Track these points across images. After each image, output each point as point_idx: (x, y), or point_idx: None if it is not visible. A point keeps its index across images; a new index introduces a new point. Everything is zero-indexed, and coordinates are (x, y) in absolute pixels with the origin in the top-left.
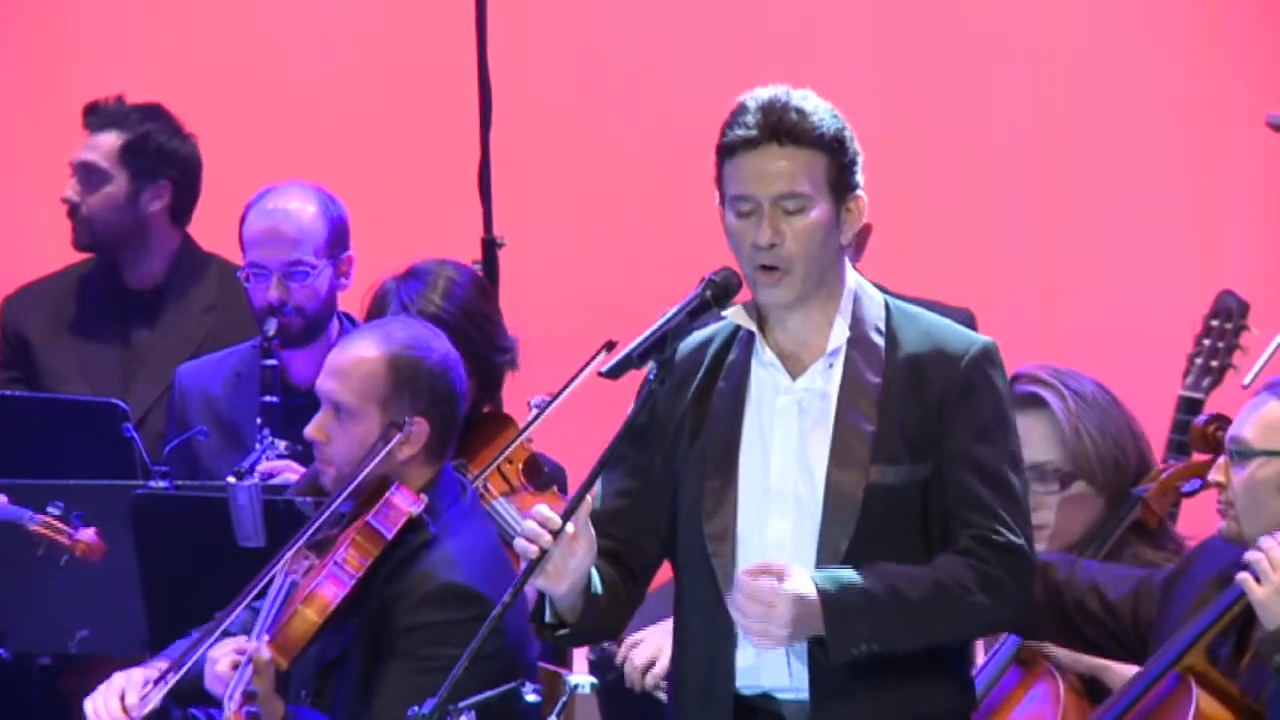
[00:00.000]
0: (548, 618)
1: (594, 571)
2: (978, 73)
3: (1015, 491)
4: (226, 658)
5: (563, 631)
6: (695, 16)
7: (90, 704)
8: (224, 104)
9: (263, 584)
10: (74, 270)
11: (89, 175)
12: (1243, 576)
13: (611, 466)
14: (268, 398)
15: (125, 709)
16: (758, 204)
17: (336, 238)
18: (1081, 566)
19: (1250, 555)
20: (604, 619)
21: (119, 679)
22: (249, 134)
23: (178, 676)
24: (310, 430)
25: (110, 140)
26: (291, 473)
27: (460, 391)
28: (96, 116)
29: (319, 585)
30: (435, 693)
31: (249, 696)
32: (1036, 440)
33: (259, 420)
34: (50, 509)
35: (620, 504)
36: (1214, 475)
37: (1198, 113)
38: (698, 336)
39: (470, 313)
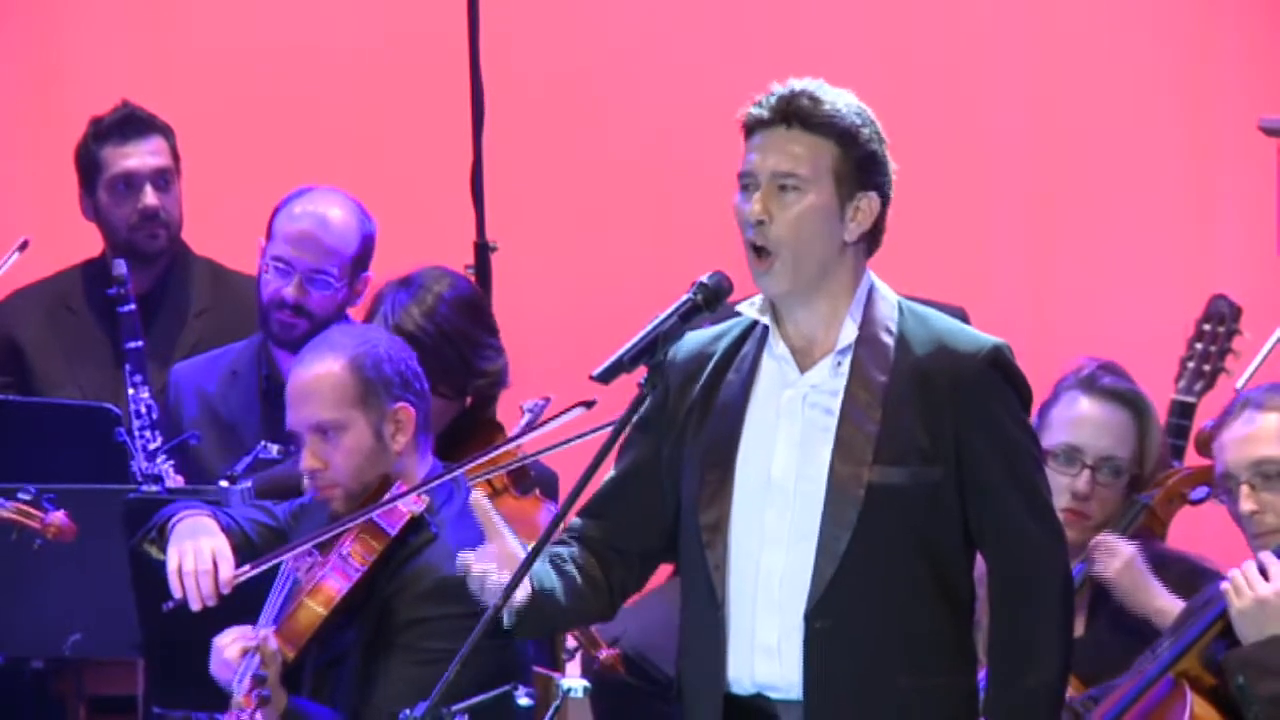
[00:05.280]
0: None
1: (545, 569)
2: (971, 75)
3: (1045, 495)
4: (234, 645)
5: (510, 628)
6: (690, 20)
7: (176, 563)
8: (217, 107)
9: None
10: (66, 275)
11: (159, 178)
12: (1225, 587)
13: (619, 453)
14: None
15: (217, 582)
16: (756, 180)
17: (363, 257)
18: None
19: (1231, 571)
20: (563, 613)
21: (207, 548)
22: (242, 137)
23: (267, 564)
24: (305, 463)
25: (159, 142)
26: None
27: (418, 369)
28: (137, 125)
29: (325, 578)
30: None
31: (259, 680)
32: (1116, 433)
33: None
34: (21, 494)
35: (615, 490)
36: (1246, 505)
37: (1191, 117)
38: (711, 330)
39: (449, 335)
